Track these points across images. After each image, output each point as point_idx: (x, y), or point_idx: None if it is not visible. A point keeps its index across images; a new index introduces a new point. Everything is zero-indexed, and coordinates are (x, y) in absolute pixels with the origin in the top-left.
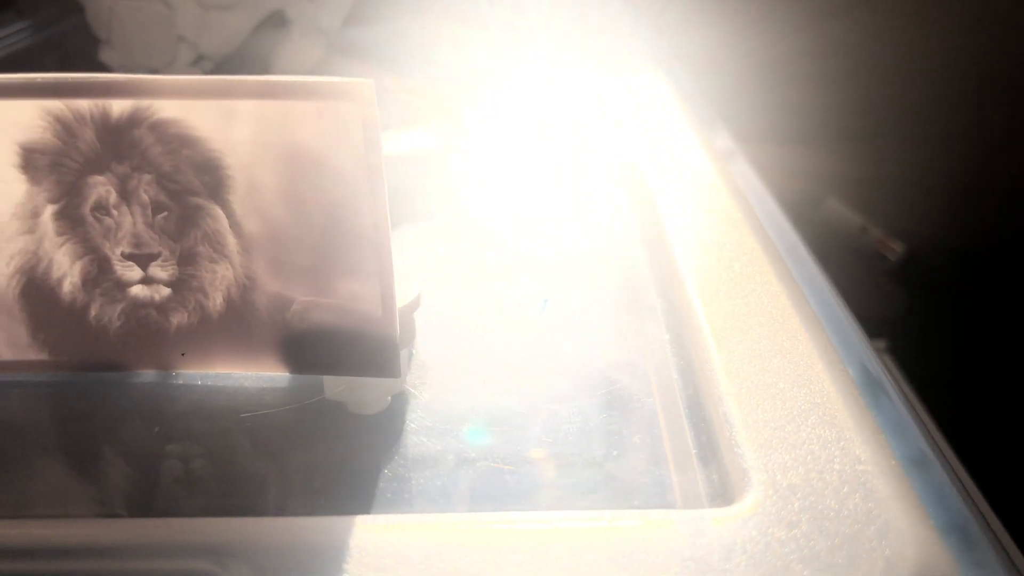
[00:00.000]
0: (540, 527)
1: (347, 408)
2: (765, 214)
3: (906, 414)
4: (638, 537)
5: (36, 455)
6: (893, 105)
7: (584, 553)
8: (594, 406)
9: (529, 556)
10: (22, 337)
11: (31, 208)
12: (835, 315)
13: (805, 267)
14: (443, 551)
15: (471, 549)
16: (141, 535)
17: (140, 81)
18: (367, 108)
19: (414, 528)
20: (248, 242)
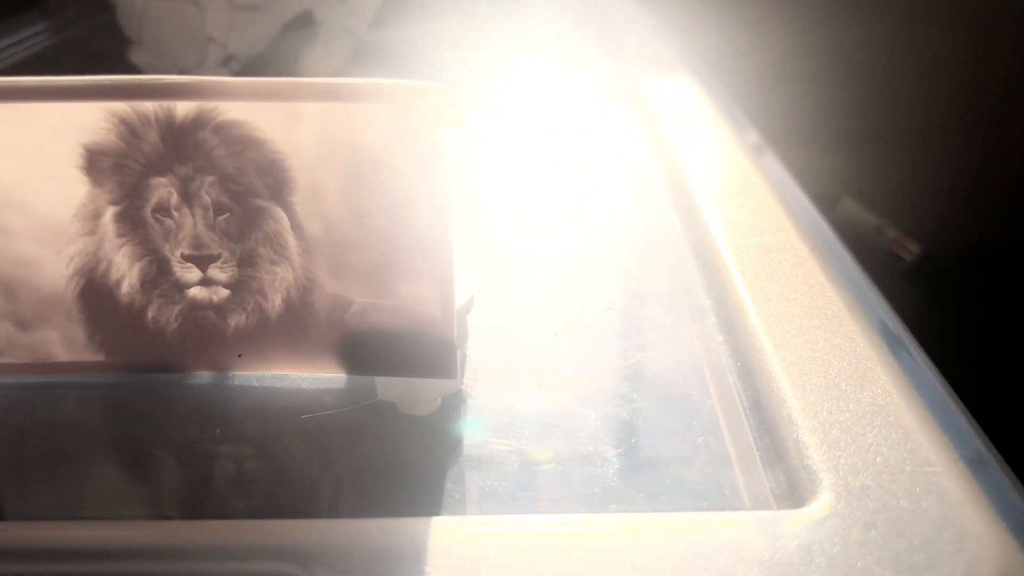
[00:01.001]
0: (615, 529)
1: (399, 408)
2: (802, 213)
3: (959, 416)
4: (715, 539)
5: (100, 457)
6: (908, 106)
7: (662, 556)
8: (653, 408)
9: (607, 559)
10: (79, 339)
11: (92, 210)
12: (879, 315)
13: (846, 267)
14: (522, 554)
15: (550, 552)
16: (220, 537)
17: (206, 83)
18: (434, 111)
19: (492, 531)
20: (309, 244)
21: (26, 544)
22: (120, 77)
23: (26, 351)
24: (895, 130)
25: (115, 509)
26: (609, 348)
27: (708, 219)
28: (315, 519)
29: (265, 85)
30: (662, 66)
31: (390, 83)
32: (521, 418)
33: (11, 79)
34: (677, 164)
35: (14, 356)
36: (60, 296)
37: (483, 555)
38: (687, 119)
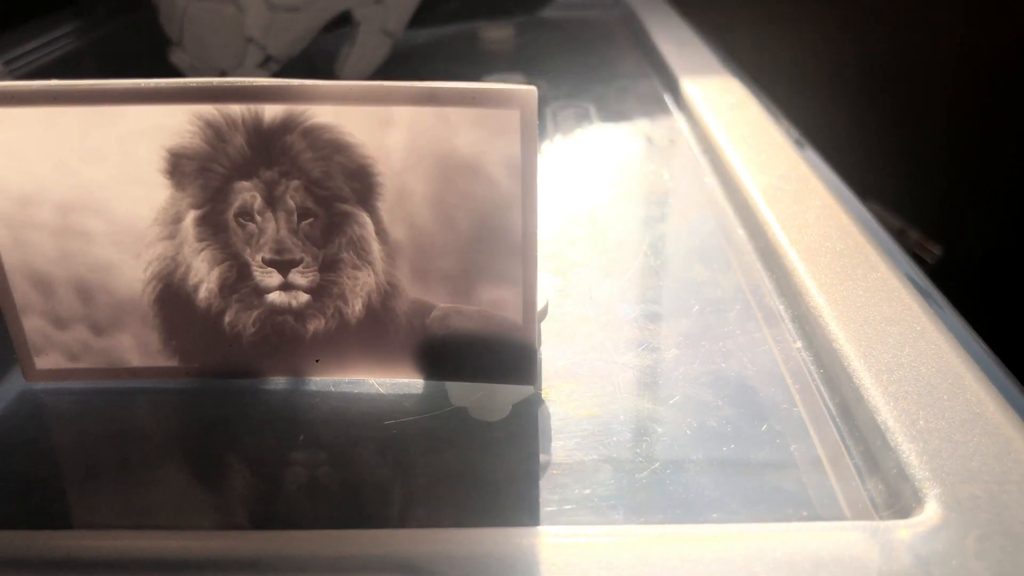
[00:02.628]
0: (724, 539)
1: (470, 414)
2: (860, 216)
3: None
4: (827, 549)
5: (178, 464)
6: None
7: (776, 567)
8: (740, 415)
9: (720, 568)
10: (153, 343)
11: (174, 213)
12: (953, 321)
13: (909, 271)
14: (632, 565)
15: (659, 562)
16: (326, 548)
17: (295, 86)
18: (528, 115)
19: (600, 541)
20: (393, 249)
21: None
22: (208, 80)
23: (100, 356)
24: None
25: (197, 518)
26: (685, 355)
27: (771, 223)
28: (423, 528)
29: (356, 89)
30: (700, 69)
31: (486, 87)
32: (605, 425)
33: (96, 82)
34: (731, 167)
35: (88, 361)
36: (136, 300)
37: (593, 566)
38: (733, 121)
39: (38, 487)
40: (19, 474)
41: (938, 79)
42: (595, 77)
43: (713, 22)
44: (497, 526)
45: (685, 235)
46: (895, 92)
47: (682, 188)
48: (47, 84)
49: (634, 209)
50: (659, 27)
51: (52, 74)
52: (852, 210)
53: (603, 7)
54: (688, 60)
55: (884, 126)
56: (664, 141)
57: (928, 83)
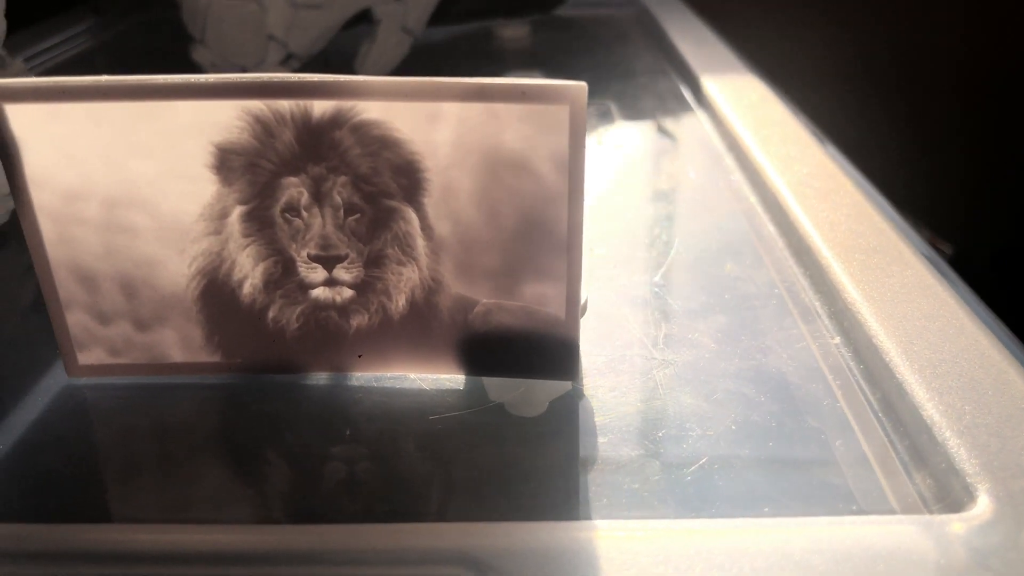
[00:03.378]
0: (780, 532)
1: (507, 410)
2: (888, 214)
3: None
4: (882, 542)
5: (224, 458)
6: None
7: (834, 560)
8: (783, 411)
9: (776, 562)
10: (196, 339)
11: (220, 209)
12: (988, 317)
13: (942, 268)
14: (690, 559)
15: (718, 556)
16: (386, 540)
17: (345, 82)
18: (578, 111)
19: (657, 534)
20: (438, 244)
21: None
22: (257, 75)
23: (142, 351)
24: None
25: (253, 512)
26: (724, 351)
27: (802, 219)
28: (481, 522)
29: (406, 85)
30: (719, 67)
31: (535, 83)
32: (649, 421)
33: (145, 77)
34: (758, 165)
35: (130, 356)
36: (180, 296)
37: (652, 559)
38: (757, 119)
39: (81, 482)
40: (62, 469)
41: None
42: (614, 75)
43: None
44: (555, 519)
45: (715, 231)
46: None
47: (708, 185)
48: (97, 79)
49: (662, 206)
50: (675, 25)
51: (70, 71)
52: (880, 207)
53: (617, 5)
54: (707, 58)
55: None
56: (687, 138)
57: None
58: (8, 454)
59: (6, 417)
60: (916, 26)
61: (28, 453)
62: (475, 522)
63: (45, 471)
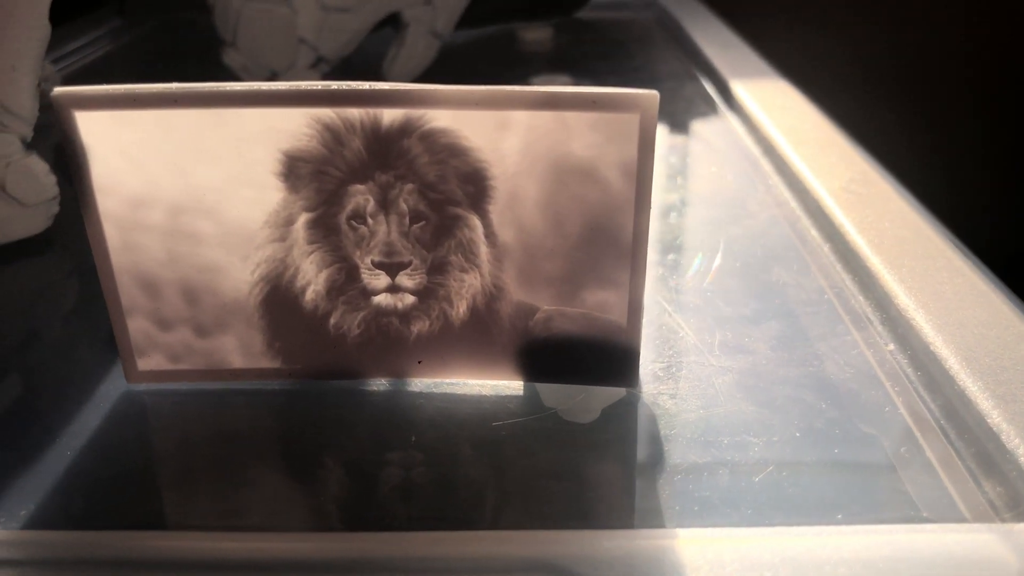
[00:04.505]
0: (859, 540)
1: (560, 416)
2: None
3: None
4: (965, 551)
5: (288, 464)
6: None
7: (913, 568)
8: (844, 417)
9: (857, 570)
10: (257, 345)
11: (285, 216)
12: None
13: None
14: (773, 567)
15: (803, 563)
16: (468, 548)
17: (415, 91)
18: (648, 119)
19: (739, 542)
20: (501, 252)
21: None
22: (327, 84)
23: (202, 357)
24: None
25: (312, 521)
26: (780, 357)
27: (848, 226)
28: (562, 530)
29: (476, 93)
30: (748, 71)
31: (607, 91)
32: (712, 428)
33: (215, 85)
34: (797, 170)
35: (190, 362)
36: (242, 302)
37: (737, 567)
38: (792, 124)
39: (140, 488)
40: (121, 475)
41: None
42: (640, 79)
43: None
44: (633, 527)
45: (759, 237)
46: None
47: (747, 190)
48: (167, 87)
49: (702, 211)
50: (698, 28)
51: (96, 73)
52: (921, 213)
53: (637, 8)
54: (734, 62)
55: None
56: (721, 143)
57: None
58: (68, 461)
59: (66, 424)
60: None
61: (88, 460)
62: (556, 530)
63: (104, 478)
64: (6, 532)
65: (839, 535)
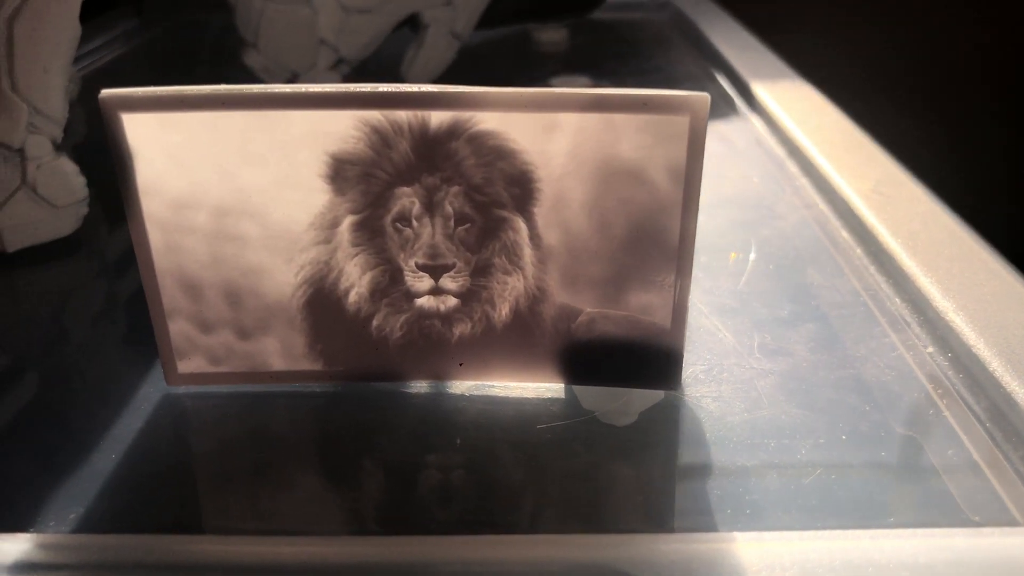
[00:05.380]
0: (916, 544)
1: (598, 418)
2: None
3: None
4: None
5: (331, 467)
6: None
7: (975, 572)
8: (888, 420)
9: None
10: (298, 347)
11: (331, 218)
12: None
13: None
14: (836, 571)
15: (861, 567)
16: (529, 552)
17: (464, 93)
18: (699, 121)
19: (797, 546)
20: (545, 254)
21: None
22: (375, 86)
23: (243, 359)
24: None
25: (356, 524)
26: (820, 359)
27: (879, 227)
28: (620, 534)
29: (524, 95)
30: (768, 73)
31: (657, 93)
32: (757, 430)
33: (263, 87)
34: (824, 171)
35: (231, 365)
36: (284, 305)
37: (797, 571)
38: (816, 125)
39: (183, 492)
40: (165, 479)
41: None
42: (659, 80)
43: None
44: (687, 531)
45: (790, 238)
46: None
47: (774, 192)
48: (215, 89)
49: (731, 212)
50: (715, 30)
51: (115, 74)
52: (952, 215)
53: (651, 9)
54: (753, 63)
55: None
56: (744, 144)
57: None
58: (108, 464)
59: (108, 428)
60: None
61: (133, 464)
62: (611, 534)
63: (149, 482)
64: (54, 536)
65: (896, 538)
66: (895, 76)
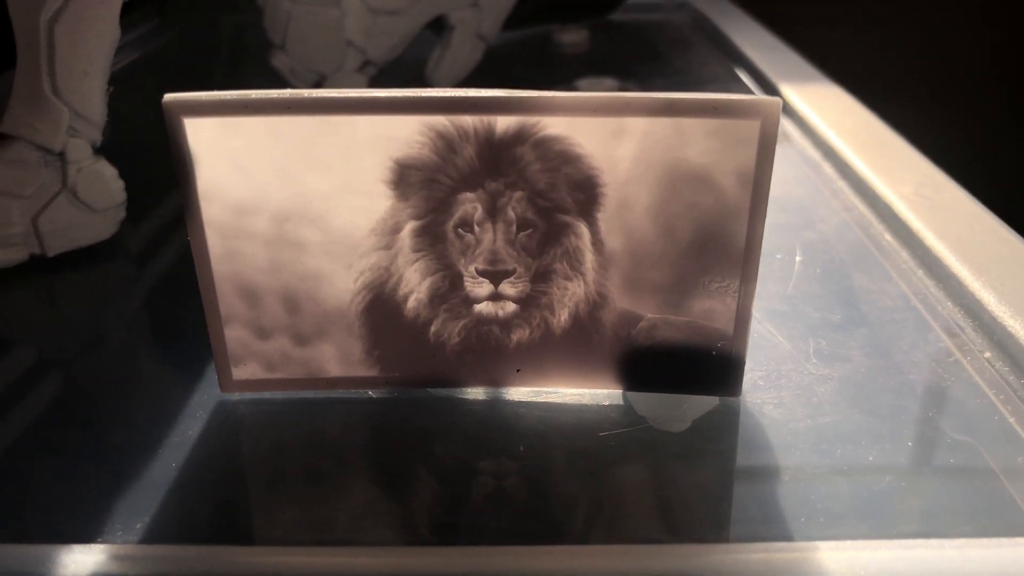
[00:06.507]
0: (997, 551)
1: (652, 424)
2: None
3: None
4: None
5: (391, 474)
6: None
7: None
8: (952, 426)
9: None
10: (355, 353)
11: (392, 224)
12: None
13: None
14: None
15: None
16: (600, 563)
17: (531, 98)
18: (769, 126)
19: (875, 554)
20: (607, 259)
21: None
22: (441, 91)
23: (299, 366)
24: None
25: (419, 534)
26: (878, 365)
27: (925, 231)
28: (695, 544)
29: (593, 100)
30: (795, 74)
31: (728, 98)
32: (822, 436)
33: (328, 91)
34: (862, 174)
35: (286, 371)
36: (343, 310)
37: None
38: (850, 127)
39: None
40: (222, 488)
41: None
42: (684, 82)
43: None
44: (760, 540)
45: (833, 242)
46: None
47: (812, 195)
48: (281, 93)
49: (771, 215)
50: (737, 31)
51: (138, 73)
52: (995, 217)
53: (670, 10)
54: (779, 65)
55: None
56: (778, 147)
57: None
58: (169, 473)
59: (165, 436)
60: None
61: (188, 472)
62: (688, 543)
63: (206, 491)
64: (126, 547)
65: (981, 547)
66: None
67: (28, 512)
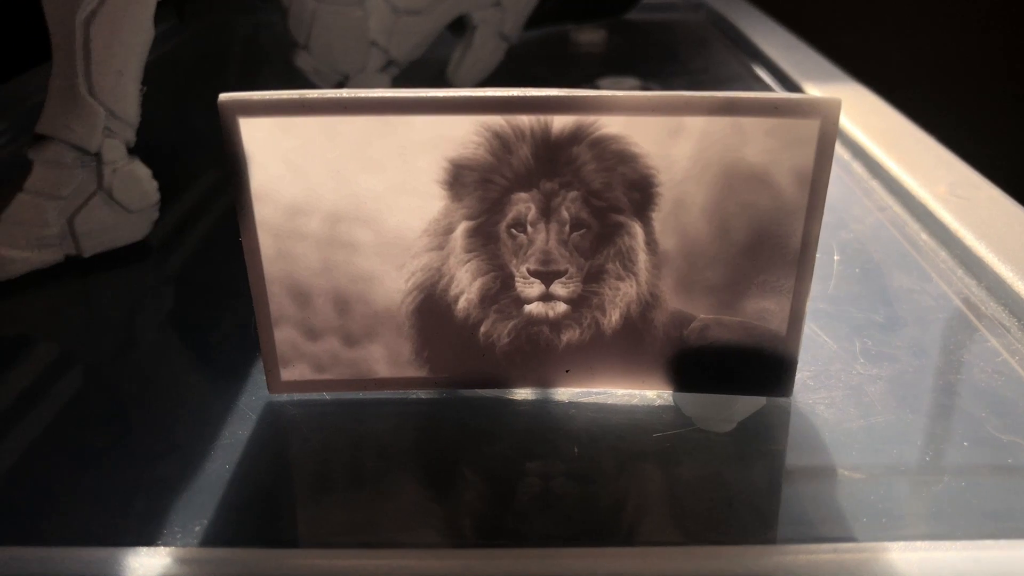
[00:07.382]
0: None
1: (696, 424)
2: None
3: None
4: None
5: (442, 476)
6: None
7: None
8: (1007, 426)
9: None
10: (404, 354)
11: (446, 224)
12: None
13: None
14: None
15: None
16: (661, 565)
17: (588, 97)
18: (829, 126)
19: (942, 557)
20: (660, 259)
21: None
22: (497, 90)
23: (347, 367)
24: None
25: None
26: (926, 364)
27: (963, 230)
28: (759, 545)
29: (651, 99)
30: (817, 74)
31: (788, 97)
32: (876, 436)
33: (384, 91)
34: (894, 173)
35: (335, 372)
36: (393, 311)
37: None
38: (879, 127)
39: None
40: (275, 489)
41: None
42: (706, 81)
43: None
44: (817, 541)
45: (869, 242)
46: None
47: (845, 194)
48: (337, 93)
49: None
50: (756, 31)
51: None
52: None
53: (686, 10)
54: (801, 64)
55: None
56: None
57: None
58: (223, 475)
59: (215, 438)
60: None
61: (242, 474)
62: (749, 545)
63: (259, 493)
64: (189, 550)
65: None
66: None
67: (80, 516)
